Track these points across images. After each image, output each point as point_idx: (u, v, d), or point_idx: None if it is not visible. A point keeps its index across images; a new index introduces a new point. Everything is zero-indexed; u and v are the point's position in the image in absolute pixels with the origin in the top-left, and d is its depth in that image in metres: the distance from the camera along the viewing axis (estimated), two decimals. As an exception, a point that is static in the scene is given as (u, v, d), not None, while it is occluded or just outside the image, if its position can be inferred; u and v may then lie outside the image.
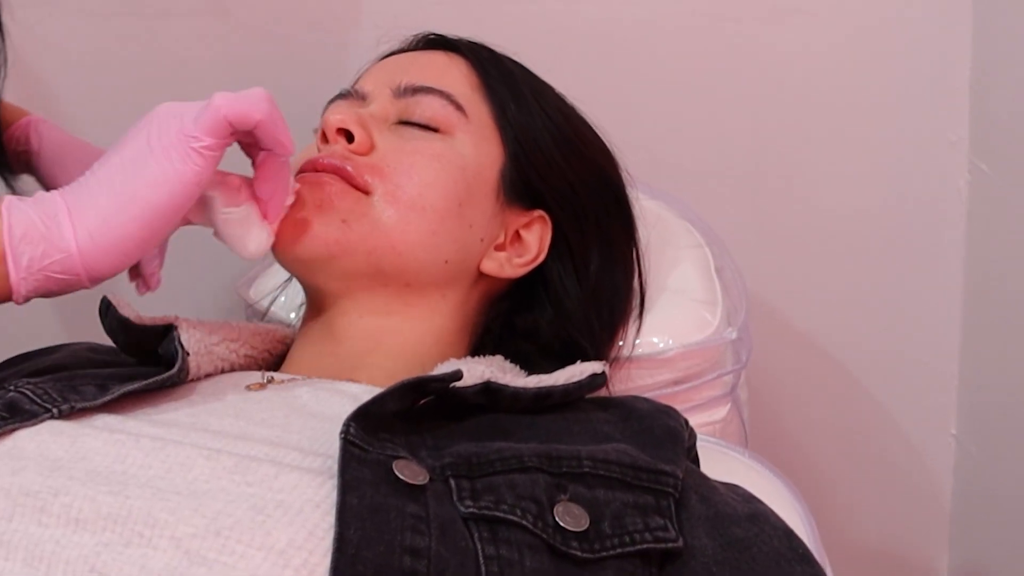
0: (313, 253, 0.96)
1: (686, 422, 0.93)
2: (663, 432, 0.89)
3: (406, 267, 0.98)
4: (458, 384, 0.86)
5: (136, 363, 0.99)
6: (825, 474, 1.61)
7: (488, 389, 0.88)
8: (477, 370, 0.88)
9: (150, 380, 0.88)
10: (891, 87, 1.49)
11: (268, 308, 1.22)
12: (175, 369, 0.91)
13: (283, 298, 1.21)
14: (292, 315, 1.20)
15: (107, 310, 0.98)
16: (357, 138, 0.99)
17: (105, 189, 0.85)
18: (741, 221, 1.47)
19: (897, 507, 1.65)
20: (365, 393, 0.91)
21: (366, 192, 0.97)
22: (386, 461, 0.77)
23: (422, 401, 0.86)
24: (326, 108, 1.07)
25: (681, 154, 1.46)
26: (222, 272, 1.35)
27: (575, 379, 0.91)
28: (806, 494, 1.03)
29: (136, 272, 1.02)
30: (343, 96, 1.07)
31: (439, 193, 0.98)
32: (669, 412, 0.92)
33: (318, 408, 0.89)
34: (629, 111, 1.40)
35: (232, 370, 1.01)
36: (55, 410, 0.83)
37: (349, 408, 0.86)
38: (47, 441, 0.80)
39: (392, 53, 1.11)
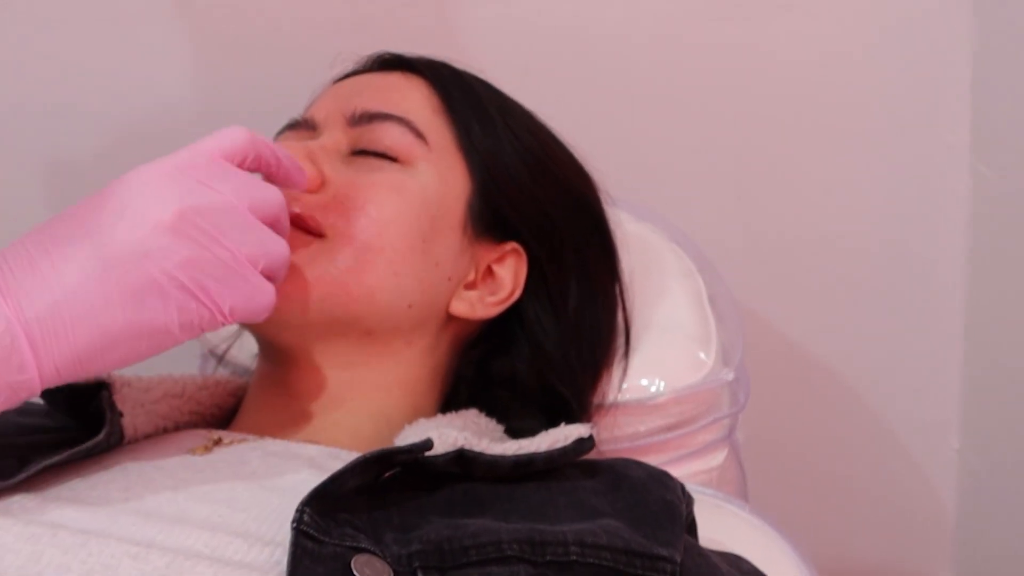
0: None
1: (683, 488, 0.84)
2: (659, 506, 0.80)
3: (365, 314, 0.89)
4: (428, 453, 0.78)
5: (72, 425, 0.90)
6: (823, 490, 1.54)
7: (462, 457, 0.79)
8: (449, 436, 0.79)
9: (74, 450, 0.79)
10: (888, 89, 1.41)
11: (225, 352, 1.13)
12: (101, 435, 0.81)
13: (243, 341, 1.11)
14: (254, 359, 1.11)
15: None
16: (306, 174, 0.89)
17: (82, 317, 0.71)
18: (728, 233, 1.39)
19: (898, 524, 1.59)
20: (323, 456, 0.83)
21: (319, 235, 0.88)
22: (344, 555, 0.68)
23: (388, 474, 0.78)
24: (274, 140, 0.99)
25: (663, 165, 1.37)
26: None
27: (559, 445, 0.83)
28: (804, 509, 0.95)
29: None
30: (292, 127, 0.98)
31: (400, 230, 0.89)
32: (664, 481, 0.84)
33: (269, 478, 0.80)
34: (607, 121, 1.32)
35: (176, 429, 0.92)
36: None
37: (304, 476, 0.78)
38: None
39: (345, 76, 1.02)
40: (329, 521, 0.69)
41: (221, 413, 0.97)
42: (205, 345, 1.16)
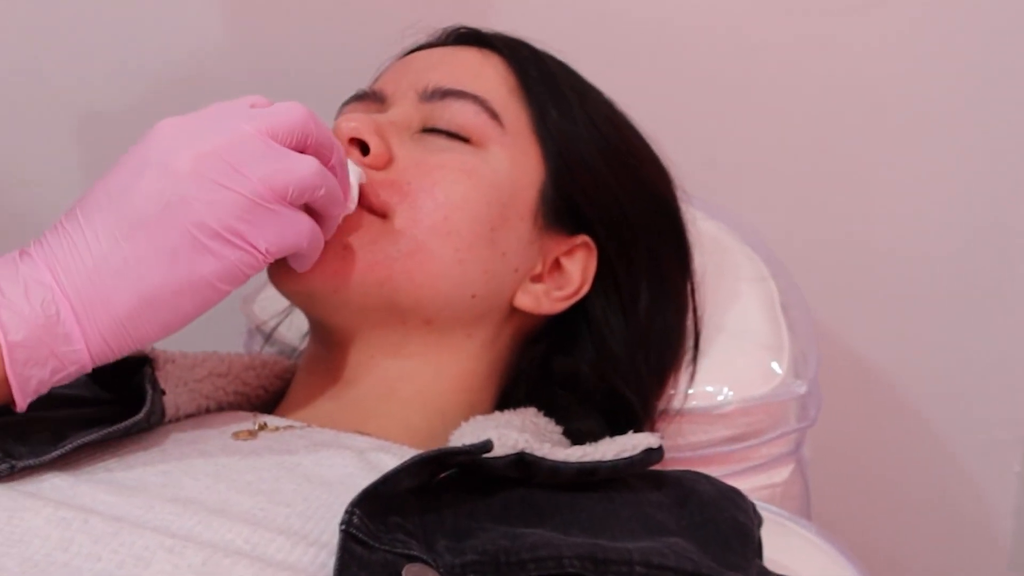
0: (313, 285, 0.82)
1: (754, 509, 0.79)
2: (730, 528, 0.75)
3: (426, 302, 0.84)
4: (487, 455, 0.73)
5: (113, 398, 0.86)
6: (882, 505, 1.47)
7: (522, 461, 0.75)
8: (510, 438, 0.75)
9: (111, 428, 0.75)
10: (980, 89, 1.34)
11: (273, 330, 1.09)
12: (141, 414, 0.76)
13: (293, 319, 1.07)
14: (303, 339, 1.07)
15: None
16: (373, 149, 0.85)
17: (118, 281, 0.70)
18: (800, 237, 1.32)
19: (954, 548, 1.53)
20: (373, 449, 0.78)
21: (383, 215, 0.84)
22: (395, 563, 0.63)
23: (442, 475, 0.73)
24: (339, 111, 0.94)
25: (738, 163, 1.31)
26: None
27: (625, 454, 0.77)
28: (863, 526, 0.89)
29: None
30: (359, 98, 0.93)
31: (468, 215, 0.85)
32: (736, 500, 0.79)
33: (316, 468, 0.75)
34: (682, 115, 1.26)
35: (220, 409, 0.88)
36: None
37: (353, 470, 0.74)
38: None
39: (417, 48, 0.97)
40: (379, 524, 0.65)
41: (267, 395, 0.93)
42: (252, 321, 1.12)
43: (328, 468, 0.75)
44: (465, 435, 0.77)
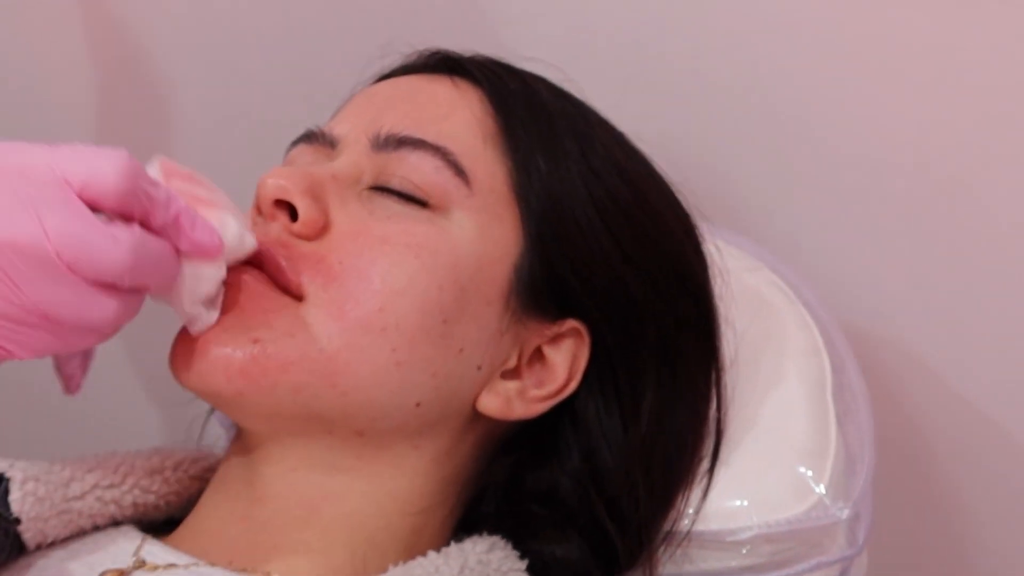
0: (212, 386, 0.67)
1: None
2: None
3: (355, 412, 0.68)
4: None
5: None
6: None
7: None
8: None
9: None
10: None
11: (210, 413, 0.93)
12: None
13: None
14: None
15: None
16: (301, 215, 0.69)
17: None
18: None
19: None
20: None
21: (297, 297, 0.67)
22: None
23: None
24: (285, 154, 0.77)
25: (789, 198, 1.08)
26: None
27: None
28: None
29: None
30: (308, 139, 0.76)
31: (412, 305, 0.68)
32: None
33: None
34: (720, 141, 1.05)
35: (107, 526, 0.73)
36: None
37: None
38: None
39: (385, 76, 0.79)
40: None
41: (178, 501, 0.77)
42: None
43: None
44: None
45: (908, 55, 1.02)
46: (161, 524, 0.75)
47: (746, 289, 0.86)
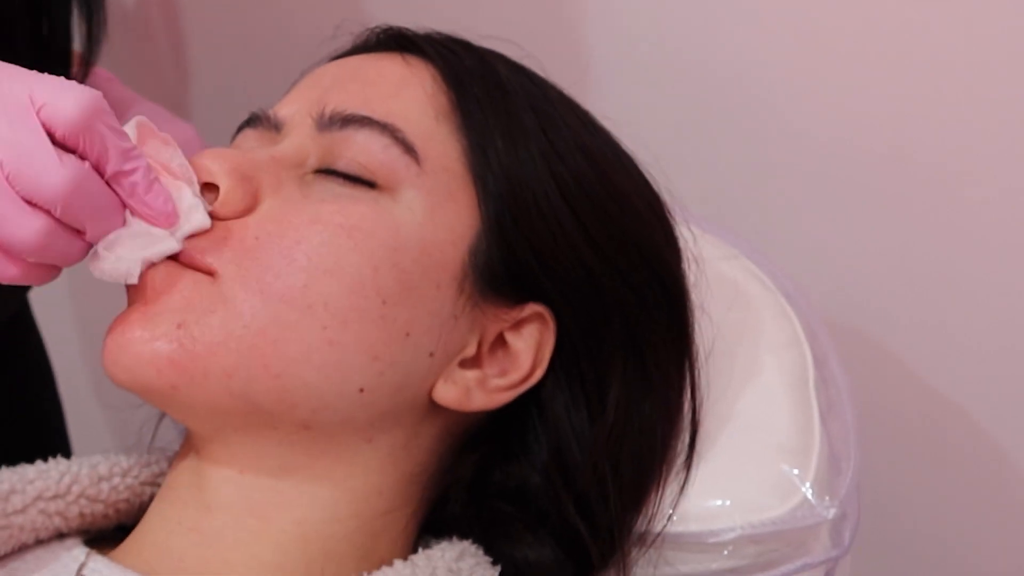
0: (143, 380, 0.62)
1: None
2: None
3: (293, 398, 0.64)
4: None
5: None
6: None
7: None
8: None
9: None
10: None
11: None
12: None
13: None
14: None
15: None
16: (221, 195, 0.65)
17: None
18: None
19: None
20: None
21: (207, 272, 0.63)
22: None
23: None
24: (232, 139, 0.73)
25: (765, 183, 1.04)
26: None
27: None
28: None
29: None
30: (252, 123, 0.72)
31: (344, 284, 0.64)
32: None
33: None
34: (700, 123, 1.01)
35: (51, 539, 0.69)
36: None
37: None
38: None
39: (335, 57, 0.75)
40: None
41: (128, 508, 0.72)
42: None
43: None
44: None
45: (884, 43, 0.98)
46: (111, 532, 0.71)
47: (721, 278, 0.82)
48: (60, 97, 0.58)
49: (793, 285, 0.85)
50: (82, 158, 0.59)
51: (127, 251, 0.62)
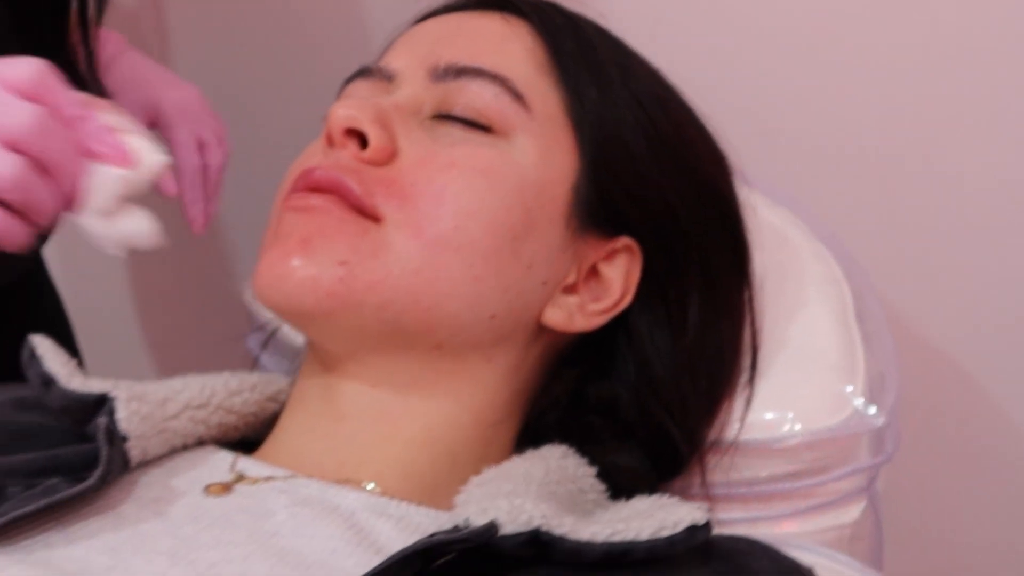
0: (299, 307, 0.70)
1: None
2: None
3: (436, 325, 0.72)
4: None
5: (70, 427, 0.74)
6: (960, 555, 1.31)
7: (537, 539, 0.62)
8: (523, 511, 0.62)
9: (54, 498, 0.63)
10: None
11: (274, 332, 0.96)
12: (93, 479, 0.65)
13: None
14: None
15: (31, 359, 0.74)
16: (372, 142, 0.72)
17: None
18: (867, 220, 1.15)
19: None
20: (366, 512, 0.68)
21: (375, 219, 0.71)
22: None
23: (440, 561, 0.61)
24: (339, 92, 0.81)
25: (810, 139, 1.14)
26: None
27: (664, 532, 0.64)
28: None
29: None
30: (364, 74, 0.80)
31: (485, 224, 0.72)
32: None
33: (294, 541, 0.65)
34: (745, 92, 1.10)
35: (193, 445, 0.76)
36: None
37: (337, 543, 0.64)
38: None
39: (431, 14, 0.83)
40: None
41: (257, 422, 0.80)
42: (253, 320, 0.99)
43: (309, 540, 0.64)
44: (471, 502, 0.64)
45: (874, 41, 1.09)
46: (236, 445, 0.78)
47: (768, 224, 0.92)
48: (15, 64, 0.65)
49: (828, 232, 0.95)
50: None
51: (103, 199, 0.68)
